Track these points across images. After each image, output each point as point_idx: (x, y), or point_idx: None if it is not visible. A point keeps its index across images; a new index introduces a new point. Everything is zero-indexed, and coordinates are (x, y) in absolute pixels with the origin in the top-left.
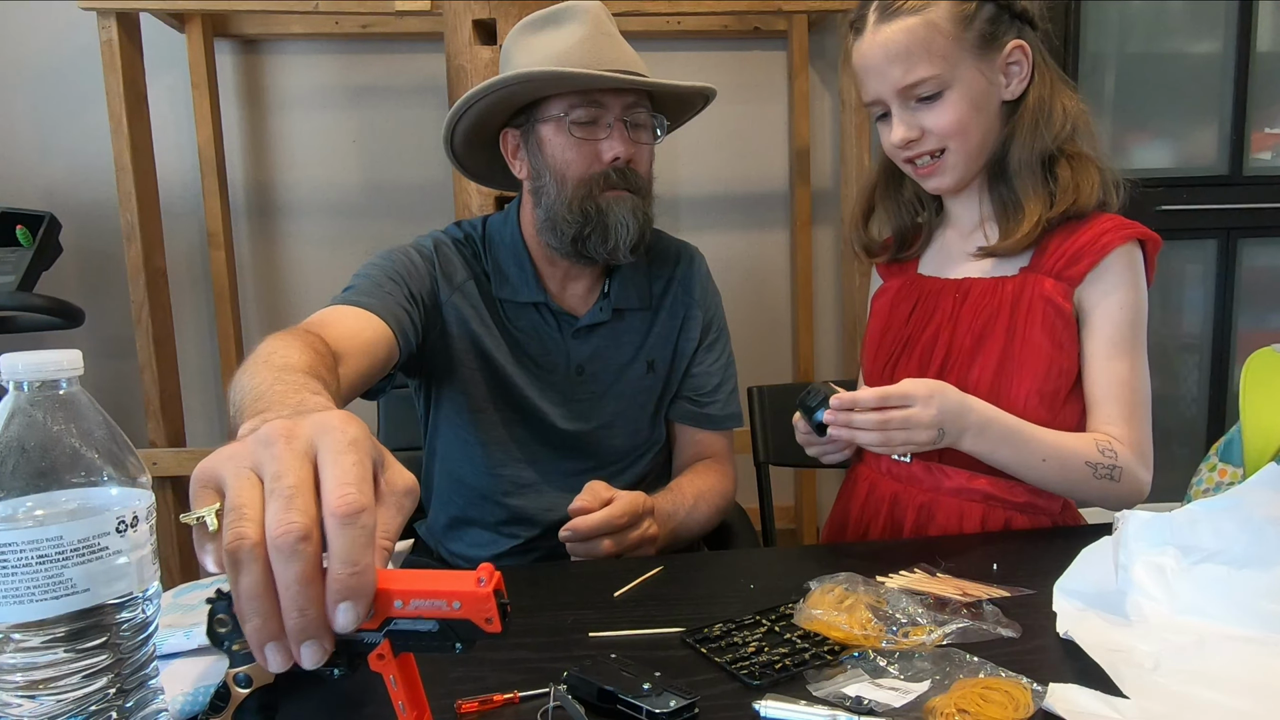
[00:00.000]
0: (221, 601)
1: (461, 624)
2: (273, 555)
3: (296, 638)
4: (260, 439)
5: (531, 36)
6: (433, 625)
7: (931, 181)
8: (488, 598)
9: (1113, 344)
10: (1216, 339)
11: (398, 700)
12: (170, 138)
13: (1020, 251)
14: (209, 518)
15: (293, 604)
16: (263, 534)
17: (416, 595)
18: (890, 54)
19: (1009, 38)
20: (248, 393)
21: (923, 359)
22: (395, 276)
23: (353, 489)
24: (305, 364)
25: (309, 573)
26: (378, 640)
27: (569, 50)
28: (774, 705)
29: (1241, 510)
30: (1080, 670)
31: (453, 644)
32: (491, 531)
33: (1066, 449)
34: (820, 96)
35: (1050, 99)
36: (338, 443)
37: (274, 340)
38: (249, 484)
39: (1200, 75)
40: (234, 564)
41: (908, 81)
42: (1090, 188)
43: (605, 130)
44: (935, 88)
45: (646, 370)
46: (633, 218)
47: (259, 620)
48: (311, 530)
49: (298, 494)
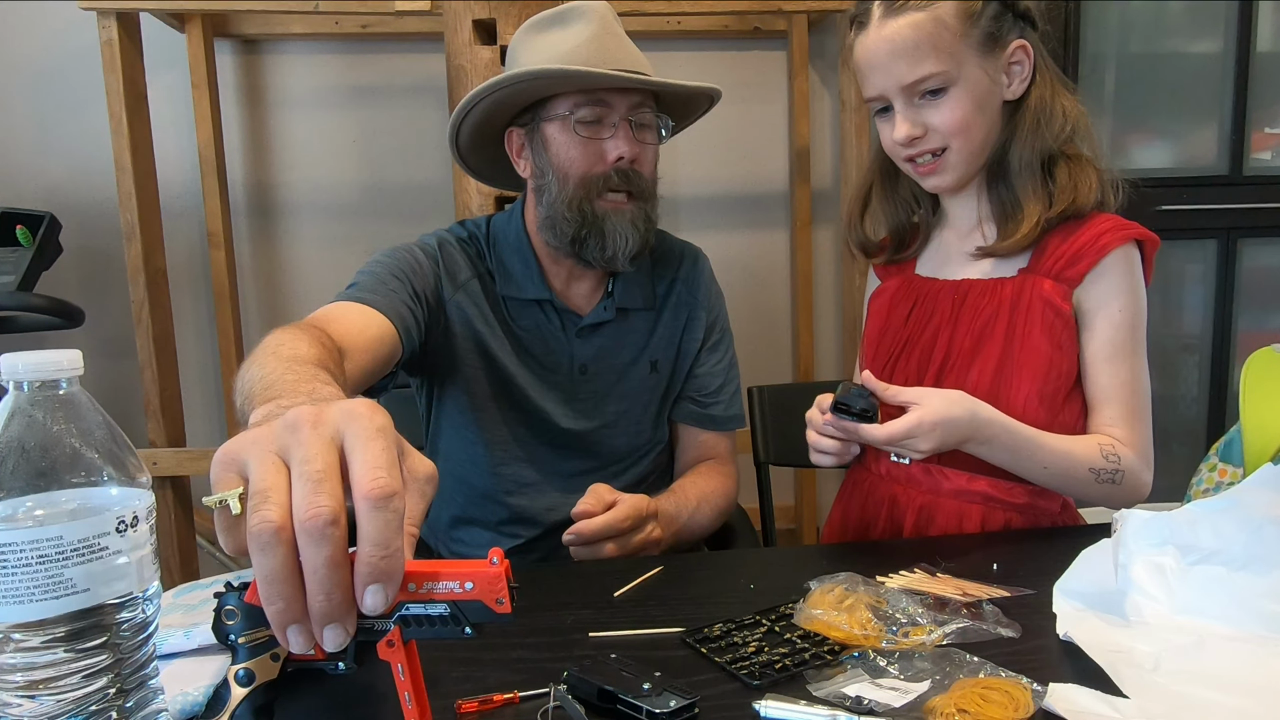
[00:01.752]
0: (231, 594)
1: (472, 605)
2: (301, 539)
3: (321, 621)
4: (286, 423)
5: (537, 36)
6: (443, 609)
7: (931, 180)
8: (499, 576)
9: (1113, 345)
10: (1216, 339)
11: (403, 691)
12: (170, 138)
13: (1019, 252)
14: (232, 501)
15: (320, 588)
16: (288, 518)
17: (429, 577)
18: (896, 49)
19: (1012, 37)
20: (257, 382)
21: (921, 361)
22: (399, 274)
23: (384, 473)
24: (314, 356)
25: (338, 556)
26: (388, 627)
27: (575, 49)
28: (774, 705)
29: (1240, 510)
30: (1080, 670)
31: (463, 627)
32: (492, 531)
33: (1070, 455)
34: (820, 96)
35: (1051, 100)
36: (366, 429)
37: (280, 333)
38: (274, 468)
39: (1200, 75)
40: (259, 547)
41: (914, 77)
42: (1088, 188)
43: (610, 130)
44: (940, 84)
45: (650, 370)
46: (632, 229)
47: (282, 604)
48: (340, 514)
49: (326, 478)
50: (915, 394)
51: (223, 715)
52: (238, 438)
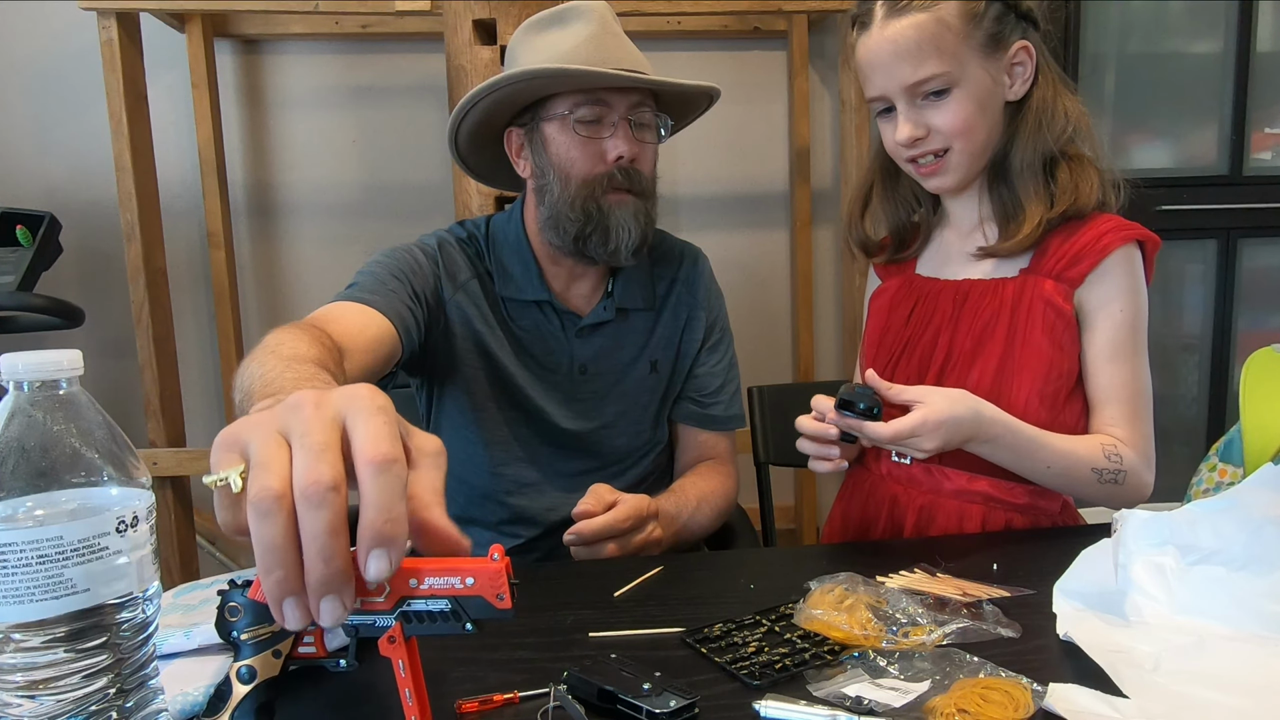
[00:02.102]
0: (236, 590)
1: (473, 601)
2: (300, 505)
3: (318, 591)
4: (287, 405)
5: (536, 36)
6: (445, 605)
7: (933, 181)
8: (500, 572)
9: (1114, 346)
10: (1216, 339)
11: (404, 688)
12: (170, 138)
13: (1021, 253)
14: (233, 478)
15: (319, 555)
16: (288, 486)
17: (431, 572)
18: (899, 50)
19: (1015, 38)
20: (256, 379)
21: (922, 361)
22: (399, 274)
23: (385, 442)
24: (314, 356)
25: (336, 523)
26: (389, 623)
27: (575, 49)
28: (774, 705)
29: (1239, 510)
30: (1080, 670)
31: (464, 623)
32: (492, 531)
33: (1073, 455)
34: (820, 96)
35: (1054, 100)
36: (367, 407)
37: (280, 333)
38: (276, 443)
39: (1200, 75)
40: (259, 515)
41: (917, 78)
42: (1090, 189)
43: (610, 129)
44: (943, 85)
45: (650, 370)
46: (634, 222)
47: (281, 573)
48: (340, 482)
49: (327, 449)
50: (919, 393)
51: (224, 713)
52: (238, 421)
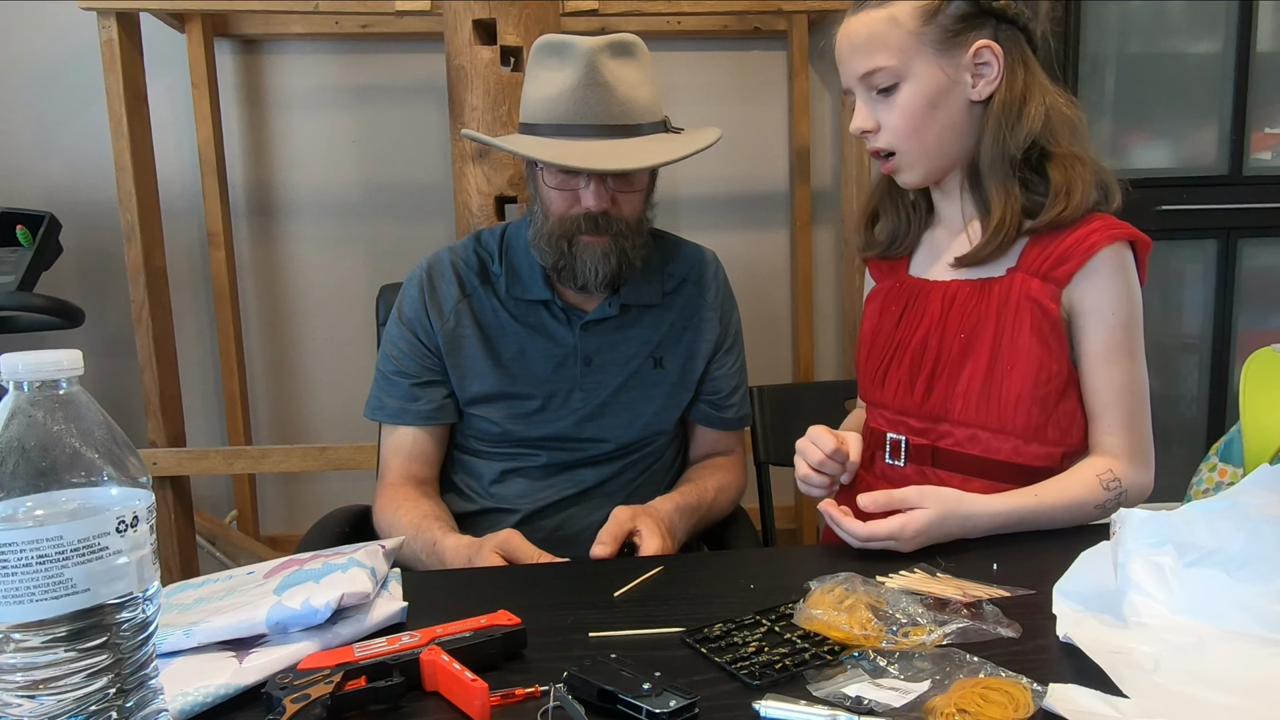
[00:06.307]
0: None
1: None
2: None
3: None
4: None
5: (539, 67)
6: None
7: (898, 177)
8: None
9: (1108, 349)
10: (1216, 339)
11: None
12: (170, 138)
13: (993, 256)
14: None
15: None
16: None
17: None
18: (853, 43)
19: (977, 36)
20: (420, 549)
21: (913, 365)
22: (403, 370)
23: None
24: (430, 511)
25: None
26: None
27: (557, 99)
28: (774, 705)
29: (1237, 510)
30: (1080, 670)
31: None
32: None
33: (1074, 505)
34: (820, 96)
35: (1020, 101)
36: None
37: (398, 513)
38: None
39: (1200, 75)
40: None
41: (862, 70)
42: (1083, 189)
43: (584, 182)
44: (889, 79)
45: (654, 365)
46: (603, 262)
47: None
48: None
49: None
50: (907, 495)
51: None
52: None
